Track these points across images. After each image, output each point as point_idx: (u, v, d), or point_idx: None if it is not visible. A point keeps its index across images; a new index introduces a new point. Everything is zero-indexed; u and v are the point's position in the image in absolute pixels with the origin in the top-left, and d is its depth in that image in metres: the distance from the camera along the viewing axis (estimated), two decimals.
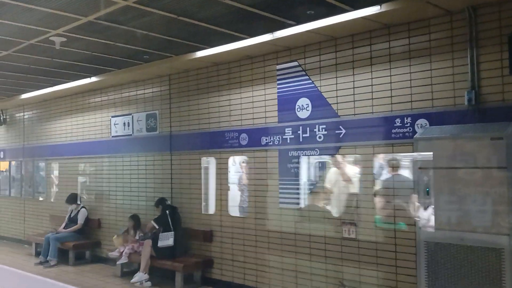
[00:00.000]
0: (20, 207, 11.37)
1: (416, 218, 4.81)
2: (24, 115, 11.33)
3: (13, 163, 11.73)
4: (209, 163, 7.25)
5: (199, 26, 5.45)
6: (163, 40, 6.08)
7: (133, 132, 8.51)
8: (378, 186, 5.54)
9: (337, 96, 5.75)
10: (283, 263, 6.18)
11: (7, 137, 11.88)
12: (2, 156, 12.00)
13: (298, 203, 6.10)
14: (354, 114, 5.58)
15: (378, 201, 5.42)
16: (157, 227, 7.34)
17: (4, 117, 11.76)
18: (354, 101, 5.59)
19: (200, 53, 6.60)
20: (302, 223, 6.03)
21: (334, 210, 5.92)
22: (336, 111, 5.73)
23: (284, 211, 6.22)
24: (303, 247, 5.98)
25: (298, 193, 6.11)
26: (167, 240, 7.17)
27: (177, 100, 7.76)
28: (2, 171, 12.11)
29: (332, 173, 6.13)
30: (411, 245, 4.95)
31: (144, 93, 8.36)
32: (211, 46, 6.36)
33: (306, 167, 6.18)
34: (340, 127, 5.67)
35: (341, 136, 5.67)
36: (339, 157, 5.88)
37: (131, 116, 8.55)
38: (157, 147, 8.06)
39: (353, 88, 5.60)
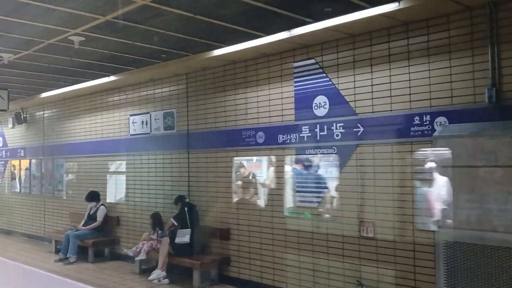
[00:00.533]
0: (40, 205, 11.57)
1: None
2: (44, 114, 11.51)
3: (33, 161, 11.92)
4: (226, 161, 7.26)
5: (216, 24, 5.47)
6: (180, 39, 6.11)
7: (151, 131, 8.58)
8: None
9: (355, 94, 5.71)
10: (300, 262, 6.18)
11: (28, 135, 12.08)
12: (22, 155, 12.22)
13: (315, 202, 6.08)
14: (372, 112, 5.53)
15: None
16: (176, 224, 7.40)
17: (25, 116, 11.96)
18: (372, 98, 5.54)
19: (217, 52, 6.61)
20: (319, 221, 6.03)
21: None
22: (354, 109, 5.70)
23: (301, 210, 6.22)
24: (320, 246, 5.98)
25: (315, 192, 6.08)
26: (183, 237, 7.22)
27: (194, 98, 7.80)
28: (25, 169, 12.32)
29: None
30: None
31: (162, 92, 8.42)
32: (228, 44, 6.37)
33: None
34: (358, 125, 5.63)
35: (359, 134, 5.63)
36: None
37: (149, 114, 8.62)
38: (174, 145, 8.11)
39: (371, 85, 5.55)
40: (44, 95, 10.30)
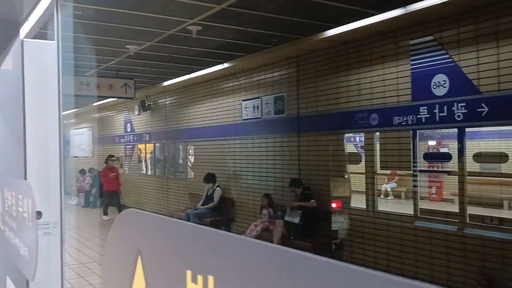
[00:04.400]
0: (163, 185, 12.51)
1: None
2: (165, 101, 12.35)
3: (157, 145, 12.89)
4: (337, 144, 7.20)
5: (328, 5, 5.40)
6: (291, 22, 6.14)
7: (262, 115, 8.79)
8: None
9: (478, 71, 5.29)
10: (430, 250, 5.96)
11: (152, 121, 13.08)
12: (147, 139, 13.27)
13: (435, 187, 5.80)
14: (499, 90, 5.09)
15: None
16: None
17: (149, 103, 12.94)
18: (498, 76, 5.09)
19: (329, 33, 6.53)
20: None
21: None
22: (477, 87, 5.29)
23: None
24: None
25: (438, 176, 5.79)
26: (294, 217, 7.32)
27: (305, 81, 7.81)
28: (150, 152, 13.39)
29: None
30: None
31: (272, 76, 8.56)
32: (340, 24, 6.26)
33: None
34: (482, 104, 5.22)
35: (483, 114, 5.22)
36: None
37: (260, 99, 8.83)
38: (284, 129, 8.23)
39: (498, 61, 5.10)
40: (165, 83, 11.04)
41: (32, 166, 2.14)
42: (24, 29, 3.36)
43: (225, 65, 8.80)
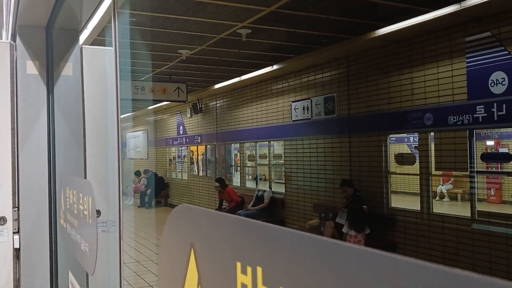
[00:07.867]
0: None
1: None
2: (216, 104, 12.55)
3: (208, 146, 13.12)
4: (389, 145, 7.05)
5: (379, 4, 5.32)
6: (341, 22, 6.09)
7: (312, 116, 8.75)
8: None
9: None
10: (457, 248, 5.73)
11: (203, 124, 13.33)
12: (199, 141, 13.54)
13: (494, 188, 5.56)
14: None
15: None
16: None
17: (200, 106, 13.20)
18: None
19: (380, 32, 6.42)
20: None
21: None
22: None
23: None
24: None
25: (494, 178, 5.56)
26: (342, 219, 7.24)
27: (355, 81, 7.71)
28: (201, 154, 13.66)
29: None
30: None
31: (322, 77, 8.51)
32: (391, 23, 6.14)
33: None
34: None
35: None
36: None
37: (310, 100, 8.79)
38: (335, 129, 8.15)
39: None
40: (216, 86, 11.22)
41: (91, 166, 2.25)
42: (83, 36, 3.53)
43: (275, 67, 8.84)
